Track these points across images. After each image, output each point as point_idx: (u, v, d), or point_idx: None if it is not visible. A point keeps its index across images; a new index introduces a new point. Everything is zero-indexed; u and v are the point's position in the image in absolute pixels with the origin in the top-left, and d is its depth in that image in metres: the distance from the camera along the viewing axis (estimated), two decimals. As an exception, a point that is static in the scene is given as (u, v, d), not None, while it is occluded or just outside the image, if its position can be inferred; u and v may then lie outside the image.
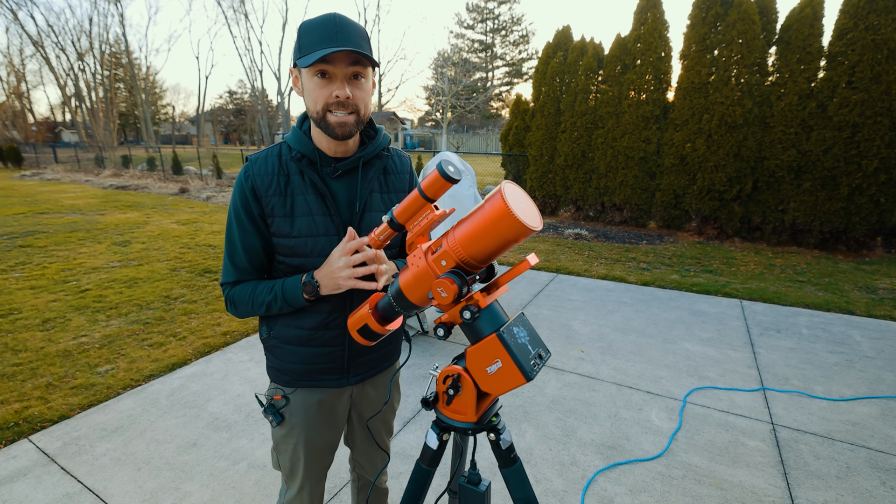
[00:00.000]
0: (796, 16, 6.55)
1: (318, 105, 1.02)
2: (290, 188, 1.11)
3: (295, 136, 1.13)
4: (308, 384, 1.25)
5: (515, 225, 0.73)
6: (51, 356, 3.40)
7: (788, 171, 6.68)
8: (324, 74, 1.00)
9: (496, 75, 52.58)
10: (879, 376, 3.15)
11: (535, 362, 0.82)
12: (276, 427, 1.28)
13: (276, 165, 1.11)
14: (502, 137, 10.04)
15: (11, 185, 15.36)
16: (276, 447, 1.32)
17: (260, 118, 42.23)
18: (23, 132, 42.78)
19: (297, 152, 1.11)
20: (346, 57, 0.99)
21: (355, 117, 1.05)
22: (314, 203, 1.11)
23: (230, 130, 59.87)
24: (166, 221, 8.98)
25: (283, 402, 1.26)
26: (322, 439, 1.30)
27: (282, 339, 1.22)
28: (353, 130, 1.06)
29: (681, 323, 4.07)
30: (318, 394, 1.26)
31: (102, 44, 40.37)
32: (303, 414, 1.26)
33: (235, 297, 1.17)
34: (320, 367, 1.23)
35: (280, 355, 1.24)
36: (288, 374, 1.24)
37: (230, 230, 1.15)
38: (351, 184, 1.16)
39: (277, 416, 1.26)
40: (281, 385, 1.27)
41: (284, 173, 1.11)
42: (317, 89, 1.01)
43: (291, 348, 1.21)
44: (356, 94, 1.03)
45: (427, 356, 3.43)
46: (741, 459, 2.33)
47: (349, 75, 1.02)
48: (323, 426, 1.29)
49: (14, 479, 2.20)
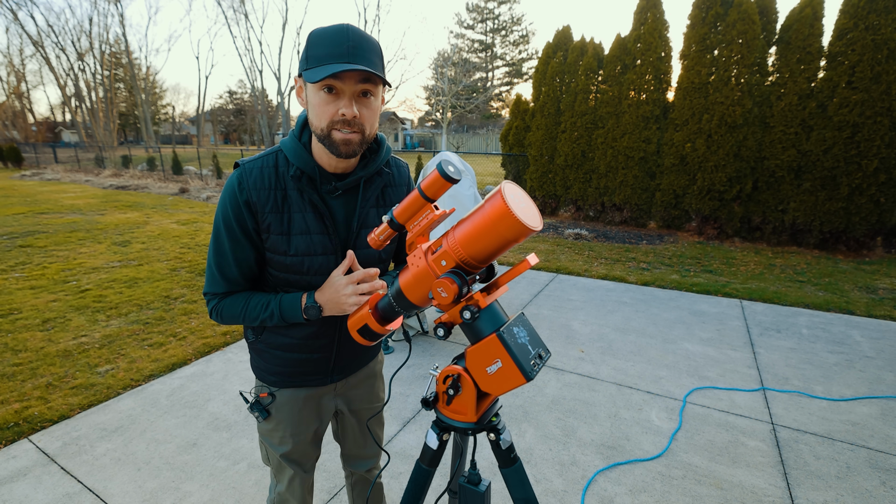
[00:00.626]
0: (796, 16, 6.55)
1: (322, 122, 0.97)
2: (286, 204, 1.06)
3: (294, 149, 1.06)
4: (292, 383, 1.26)
5: (515, 225, 0.73)
6: (51, 356, 3.40)
7: (788, 171, 6.68)
8: (331, 90, 0.95)
9: (496, 75, 52.60)
10: (879, 376, 3.15)
11: (535, 362, 0.83)
12: (263, 422, 1.30)
13: (272, 179, 1.05)
14: (502, 137, 10.04)
15: (11, 185, 15.36)
16: (263, 441, 1.34)
17: (260, 118, 42.24)
18: (23, 132, 42.78)
19: (297, 169, 1.05)
20: (357, 74, 0.93)
21: (360, 136, 0.99)
22: (312, 222, 1.07)
23: (230, 130, 59.87)
24: (166, 221, 8.98)
25: (270, 399, 1.27)
26: (309, 431, 1.31)
27: (270, 344, 1.21)
28: (358, 150, 1.01)
29: (681, 323, 4.07)
30: (303, 390, 1.28)
31: (102, 44, 40.36)
32: (289, 409, 1.27)
33: (224, 311, 1.13)
34: (306, 370, 1.25)
35: (267, 359, 1.24)
36: (274, 375, 1.25)
37: (218, 239, 1.08)
38: (349, 201, 1.12)
39: (263, 412, 1.27)
40: (267, 384, 1.28)
41: (282, 188, 1.05)
42: (323, 105, 0.96)
43: (279, 354, 1.22)
44: (363, 113, 0.98)
45: (427, 356, 3.43)
46: (741, 459, 2.33)
47: (357, 93, 0.96)
48: (310, 419, 1.30)
49: (14, 479, 2.20)
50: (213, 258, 1.10)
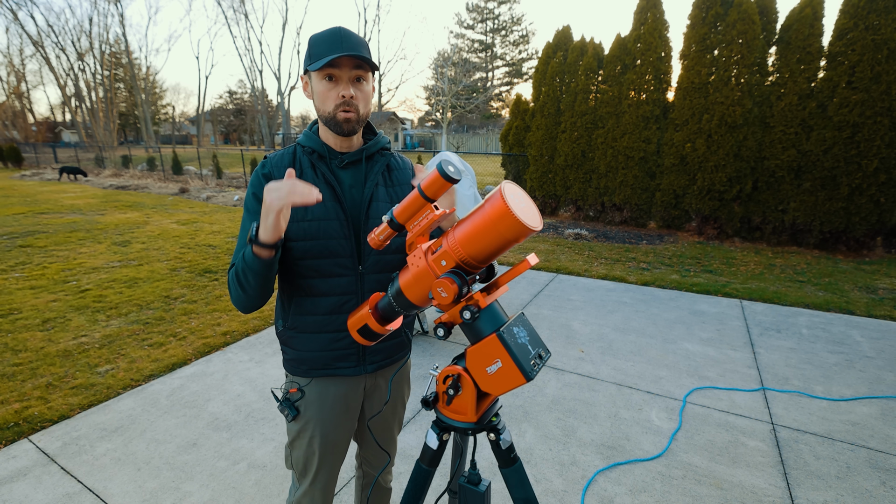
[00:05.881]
0: (796, 16, 6.55)
1: (328, 105, 1.16)
2: (302, 179, 1.20)
3: (306, 136, 1.27)
4: (324, 373, 1.28)
5: (515, 225, 0.73)
6: (51, 356, 3.40)
7: (788, 171, 6.68)
8: (331, 78, 1.14)
9: (496, 75, 52.62)
10: (879, 376, 3.15)
11: (535, 362, 0.83)
12: (292, 422, 1.31)
13: (290, 160, 1.24)
14: (502, 137, 10.04)
15: (11, 185, 15.36)
16: (291, 442, 1.34)
17: (260, 118, 42.22)
18: (23, 132, 42.78)
19: (309, 148, 1.24)
20: (350, 61, 1.13)
21: (356, 115, 1.18)
22: (325, 191, 1.21)
23: (230, 130, 59.86)
24: (166, 221, 8.98)
25: (299, 394, 1.30)
26: (337, 432, 1.33)
27: (297, 328, 1.26)
28: (356, 127, 1.20)
29: (681, 323, 4.07)
30: (333, 386, 1.29)
31: (102, 44, 40.39)
32: (318, 406, 1.29)
33: (230, 277, 1.19)
34: (336, 354, 1.27)
35: (296, 345, 1.28)
36: (305, 363, 1.28)
37: (243, 221, 1.24)
38: (356, 174, 1.27)
39: (293, 409, 1.29)
40: (298, 376, 1.30)
41: (299, 167, 1.23)
42: (326, 91, 1.15)
43: (307, 336, 1.26)
44: (358, 95, 1.16)
45: (427, 356, 3.43)
46: (741, 459, 2.33)
47: (353, 78, 1.15)
48: (338, 419, 1.32)
49: (14, 479, 2.20)
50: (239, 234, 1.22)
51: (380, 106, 42.90)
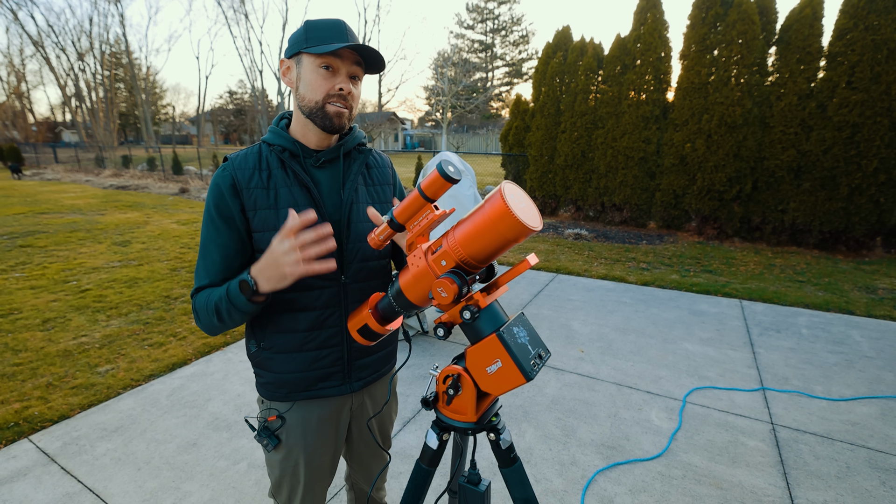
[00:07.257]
0: (796, 16, 6.55)
1: (318, 95, 1.04)
2: (272, 181, 1.08)
3: (272, 134, 1.14)
4: (307, 395, 1.16)
5: (515, 225, 0.73)
6: (51, 356, 3.40)
7: (788, 171, 6.68)
8: (328, 68, 1.04)
9: (496, 75, 52.61)
10: (879, 376, 3.15)
11: (535, 362, 0.83)
12: (272, 451, 1.19)
13: (256, 161, 1.10)
14: (502, 137, 10.04)
15: (11, 185, 15.36)
16: (272, 472, 1.22)
17: (260, 118, 42.22)
18: (23, 132, 42.78)
19: (279, 146, 1.10)
20: (352, 56, 1.05)
21: (349, 112, 1.09)
22: (299, 194, 1.09)
23: (230, 130, 59.83)
24: (166, 221, 8.98)
25: (279, 422, 1.17)
26: (324, 458, 1.23)
27: (274, 348, 1.13)
28: (346, 124, 1.10)
29: (680, 323, 4.07)
30: (317, 408, 1.18)
31: (102, 44, 40.38)
32: (302, 432, 1.17)
33: (198, 304, 1.06)
34: (319, 374, 1.15)
35: (274, 367, 1.14)
36: (285, 386, 1.15)
37: (203, 234, 1.09)
38: (334, 174, 1.15)
39: (273, 438, 1.16)
40: (277, 401, 1.17)
41: (266, 168, 1.09)
42: (320, 80, 1.04)
43: (286, 357, 1.13)
44: (353, 93, 1.09)
45: (427, 356, 3.43)
46: (741, 459, 2.33)
47: (350, 74, 1.07)
48: (325, 444, 1.21)
49: (14, 479, 2.20)
50: (200, 253, 1.11)
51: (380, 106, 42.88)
